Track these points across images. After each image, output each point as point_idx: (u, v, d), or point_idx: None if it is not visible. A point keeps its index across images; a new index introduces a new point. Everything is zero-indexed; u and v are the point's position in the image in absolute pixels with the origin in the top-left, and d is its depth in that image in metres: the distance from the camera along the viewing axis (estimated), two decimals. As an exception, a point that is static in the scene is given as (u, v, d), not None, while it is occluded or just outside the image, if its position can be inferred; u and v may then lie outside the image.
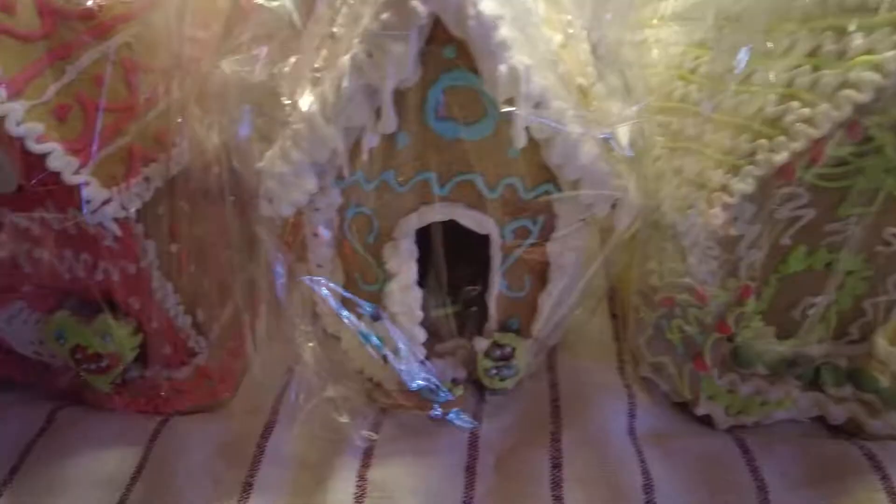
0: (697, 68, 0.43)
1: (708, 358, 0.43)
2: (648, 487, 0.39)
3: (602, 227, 0.44)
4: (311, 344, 0.43)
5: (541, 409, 0.45)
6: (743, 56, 0.37)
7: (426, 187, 0.40)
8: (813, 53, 0.34)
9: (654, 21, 0.50)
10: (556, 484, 0.39)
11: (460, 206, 0.41)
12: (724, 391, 0.46)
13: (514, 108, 0.33)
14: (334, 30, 0.37)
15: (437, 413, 0.42)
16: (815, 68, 0.34)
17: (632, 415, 0.44)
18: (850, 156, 0.36)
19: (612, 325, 0.52)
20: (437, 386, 0.42)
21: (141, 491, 0.40)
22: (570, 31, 0.44)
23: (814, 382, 0.46)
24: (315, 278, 0.40)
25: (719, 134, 0.38)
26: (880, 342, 0.48)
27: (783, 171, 0.37)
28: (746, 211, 0.39)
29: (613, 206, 0.39)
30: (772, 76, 0.35)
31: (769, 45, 0.36)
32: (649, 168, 0.43)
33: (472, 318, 0.49)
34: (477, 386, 0.47)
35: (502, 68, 0.32)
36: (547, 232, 0.42)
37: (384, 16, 0.31)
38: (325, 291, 0.41)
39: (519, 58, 0.32)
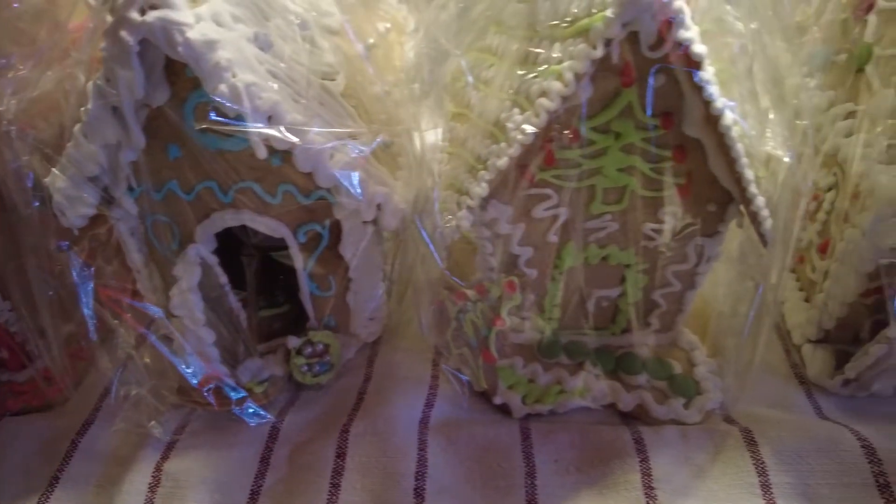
0: (480, 75, 0.45)
1: (493, 349, 0.45)
2: (420, 474, 0.41)
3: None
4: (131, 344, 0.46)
5: (346, 402, 0.47)
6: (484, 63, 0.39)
7: (211, 195, 0.42)
8: (528, 61, 0.36)
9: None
10: (337, 472, 0.42)
11: (248, 212, 0.43)
12: (524, 380, 0.48)
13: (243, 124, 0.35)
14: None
15: (236, 409, 0.45)
16: (529, 76, 0.36)
17: (429, 405, 0.47)
18: (580, 157, 0.38)
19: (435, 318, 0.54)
20: (232, 385, 0.45)
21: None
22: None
23: (612, 371, 0.48)
24: (109, 283, 0.43)
25: (475, 139, 0.40)
26: (684, 330, 0.51)
27: (522, 174, 0.39)
28: (505, 212, 0.41)
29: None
30: (499, 82, 0.37)
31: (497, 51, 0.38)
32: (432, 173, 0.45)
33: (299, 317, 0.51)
34: (295, 382, 0.49)
35: (222, 88, 0.34)
36: (337, 234, 0.45)
37: (103, 45, 0.33)
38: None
39: (243, 76, 0.35)
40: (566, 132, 0.36)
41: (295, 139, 0.35)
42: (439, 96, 0.43)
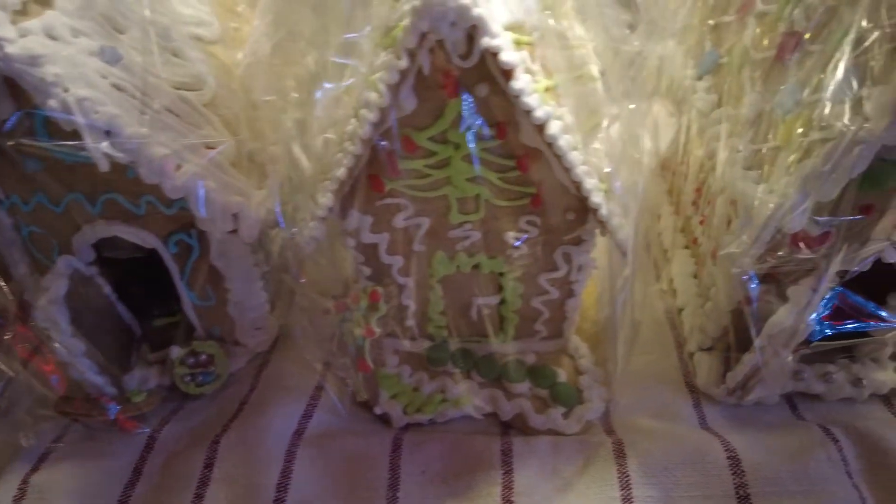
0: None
1: (368, 359, 0.45)
2: (282, 486, 0.41)
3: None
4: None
5: (227, 412, 0.47)
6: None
7: (79, 207, 0.43)
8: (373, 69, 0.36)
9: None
10: (203, 483, 0.42)
11: (117, 222, 0.43)
12: (409, 389, 0.48)
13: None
14: None
15: (112, 419, 0.45)
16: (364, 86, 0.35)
17: (307, 416, 0.46)
18: (425, 168, 0.37)
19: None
20: (110, 394, 0.45)
21: None
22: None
23: (497, 379, 0.48)
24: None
25: (330, 148, 0.40)
26: (573, 338, 0.50)
27: (372, 184, 0.38)
28: (365, 221, 0.41)
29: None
30: (342, 92, 0.37)
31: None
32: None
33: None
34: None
35: (52, 103, 0.34)
36: (207, 244, 0.45)
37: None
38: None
39: (77, 91, 0.35)
40: (400, 143, 0.35)
41: (119, 154, 0.35)
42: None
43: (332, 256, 0.48)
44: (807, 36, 0.39)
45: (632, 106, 0.49)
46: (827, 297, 0.39)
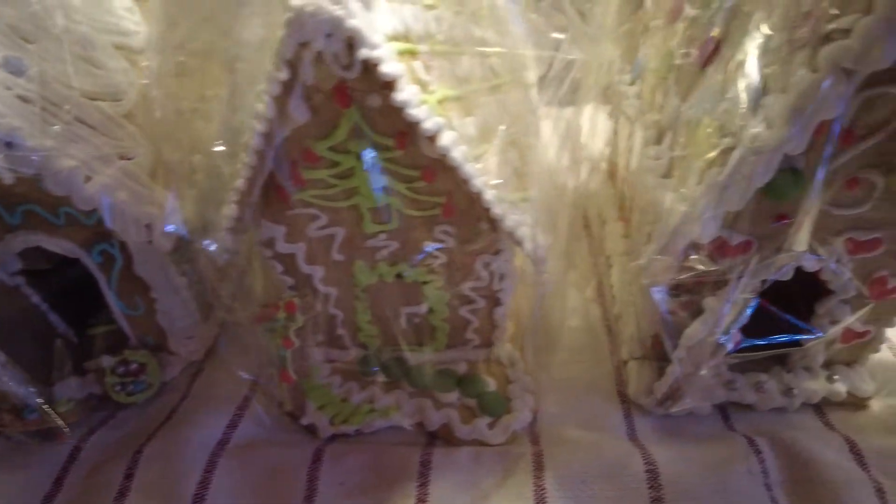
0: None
1: (290, 370, 0.45)
2: (199, 497, 0.41)
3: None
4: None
5: (156, 421, 0.47)
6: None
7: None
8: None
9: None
10: (122, 494, 0.42)
11: (39, 233, 0.43)
12: (337, 400, 0.47)
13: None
14: None
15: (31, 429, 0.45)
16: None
17: (233, 426, 0.46)
18: (330, 178, 0.37)
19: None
20: (33, 404, 0.45)
21: None
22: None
23: (427, 389, 0.47)
24: None
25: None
26: (506, 346, 0.50)
27: (279, 194, 0.38)
28: (278, 231, 0.40)
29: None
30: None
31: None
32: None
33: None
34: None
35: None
36: (130, 254, 0.45)
37: None
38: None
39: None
40: (301, 153, 0.35)
41: (22, 167, 0.35)
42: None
43: (265, 265, 0.48)
44: (720, 41, 0.38)
45: (565, 112, 0.48)
46: (745, 308, 0.38)
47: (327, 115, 0.34)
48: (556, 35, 0.52)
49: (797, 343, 0.43)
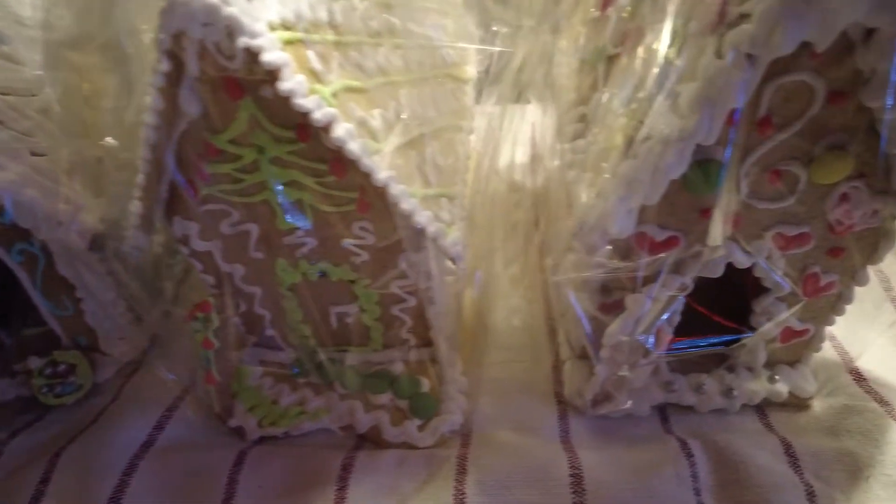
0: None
1: (215, 372, 0.44)
2: (115, 500, 0.40)
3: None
4: None
5: (82, 423, 0.46)
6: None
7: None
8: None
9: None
10: (36, 498, 0.41)
11: (-43, 232, 0.42)
12: (268, 401, 0.46)
13: None
14: None
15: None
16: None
17: (159, 428, 0.45)
18: (235, 173, 0.36)
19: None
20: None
21: None
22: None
23: (361, 390, 0.46)
24: None
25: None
26: (443, 346, 0.48)
27: (188, 190, 0.37)
28: (191, 228, 0.39)
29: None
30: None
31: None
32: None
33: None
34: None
35: None
36: (50, 255, 0.44)
37: None
38: None
39: None
40: (201, 147, 0.34)
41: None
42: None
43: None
44: (643, 29, 0.37)
45: (496, 107, 0.47)
46: (669, 307, 0.37)
47: (222, 108, 0.32)
48: (495, 28, 0.51)
49: (733, 343, 0.42)
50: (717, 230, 0.33)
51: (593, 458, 0.40)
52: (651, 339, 0.37)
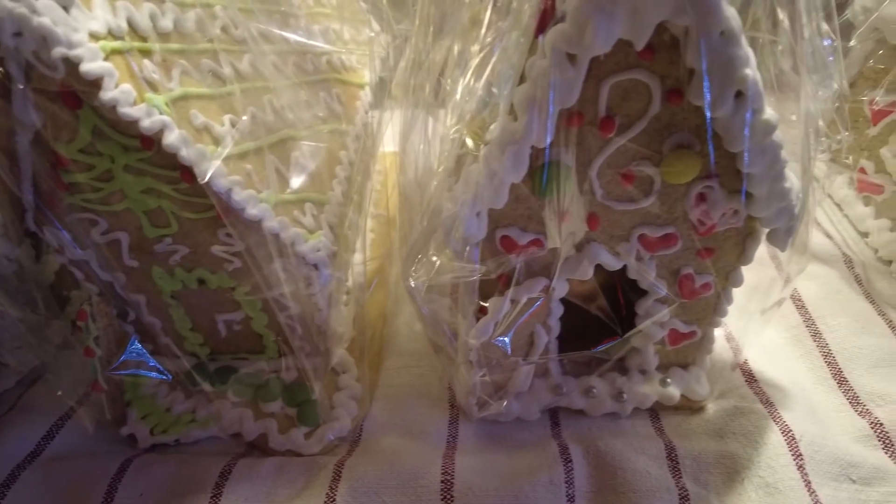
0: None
1: (101, 380, 0.44)
2: (-2, 509, 0.40)
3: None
4: None
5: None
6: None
7: None
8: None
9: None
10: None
11: None
12: (161, 409, 0.46)
13: None
14: None
15: None
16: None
17: (49, 437, 0.45)
18: (92, 182, 0.36)
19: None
20: None
21: None
22: None
23: (253, 398, 0.46)
24: None
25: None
26: (339, 353, 0.48)
27: (50, 200, 0.37)
28: (62, 237, 0.39)
29: None
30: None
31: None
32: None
33: None
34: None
35: None
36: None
37: None
38: None
39: None
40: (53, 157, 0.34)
41: None
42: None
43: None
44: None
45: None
46: (528, 309, 0.37)
47: (63, 118, 0.33)
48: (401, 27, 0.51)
49: (615, 347, 0.41)
50: (554, 231, 0.33)
51: (470, 463, 0.39)
52: (507, 342, 0.37)
